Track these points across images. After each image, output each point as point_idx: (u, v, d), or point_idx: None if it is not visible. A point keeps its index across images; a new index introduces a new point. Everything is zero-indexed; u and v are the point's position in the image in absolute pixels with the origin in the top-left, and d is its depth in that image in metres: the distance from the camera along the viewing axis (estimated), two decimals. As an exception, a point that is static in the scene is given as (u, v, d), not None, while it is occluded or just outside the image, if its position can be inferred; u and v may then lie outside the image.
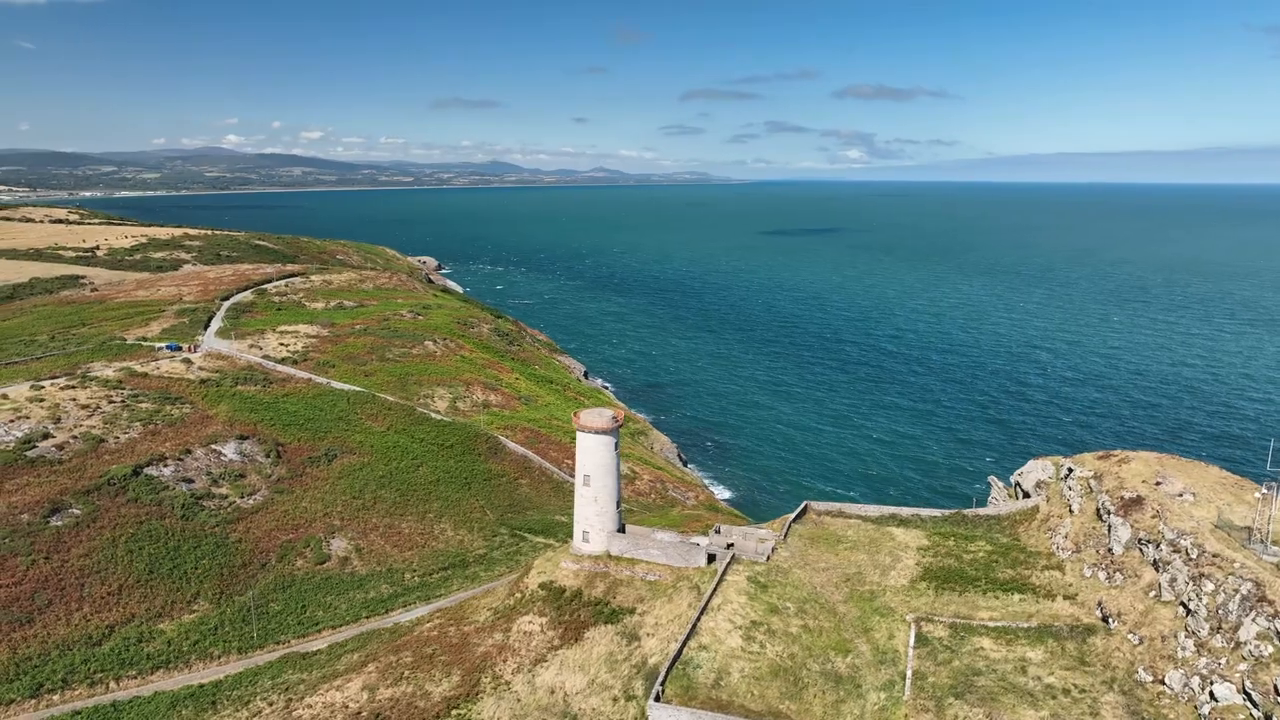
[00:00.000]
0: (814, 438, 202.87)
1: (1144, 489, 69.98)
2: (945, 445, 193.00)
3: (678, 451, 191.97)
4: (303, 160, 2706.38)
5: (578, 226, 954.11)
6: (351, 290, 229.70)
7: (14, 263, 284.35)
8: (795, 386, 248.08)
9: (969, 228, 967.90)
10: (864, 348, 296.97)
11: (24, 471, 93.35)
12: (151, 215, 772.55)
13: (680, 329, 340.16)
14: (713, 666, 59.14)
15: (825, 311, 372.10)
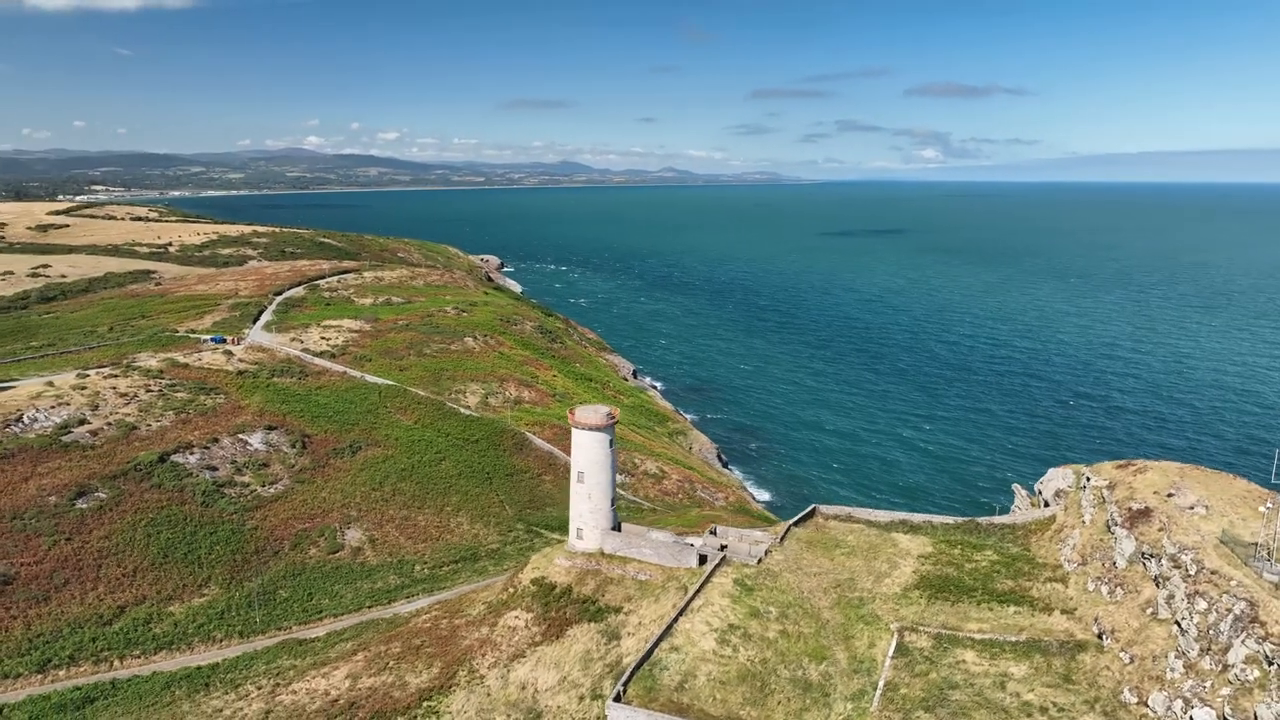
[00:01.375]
0: (860, 444, 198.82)
1: (1154, 500, 66.44)
2: (995, 455, 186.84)
3: (717, 452, 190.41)
4: (379, 161, 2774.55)
5: (641, 227, 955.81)
6: (401, 287, 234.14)
7: (94, 258, 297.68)
8: (847, 391, 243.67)
9: (1043, 229, 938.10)
10: (920, 353, 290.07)
11: (57, 456, 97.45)
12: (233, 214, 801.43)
13: (734, 330, 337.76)
14: (680, 669, 58.19)
15: (883, 315, 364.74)
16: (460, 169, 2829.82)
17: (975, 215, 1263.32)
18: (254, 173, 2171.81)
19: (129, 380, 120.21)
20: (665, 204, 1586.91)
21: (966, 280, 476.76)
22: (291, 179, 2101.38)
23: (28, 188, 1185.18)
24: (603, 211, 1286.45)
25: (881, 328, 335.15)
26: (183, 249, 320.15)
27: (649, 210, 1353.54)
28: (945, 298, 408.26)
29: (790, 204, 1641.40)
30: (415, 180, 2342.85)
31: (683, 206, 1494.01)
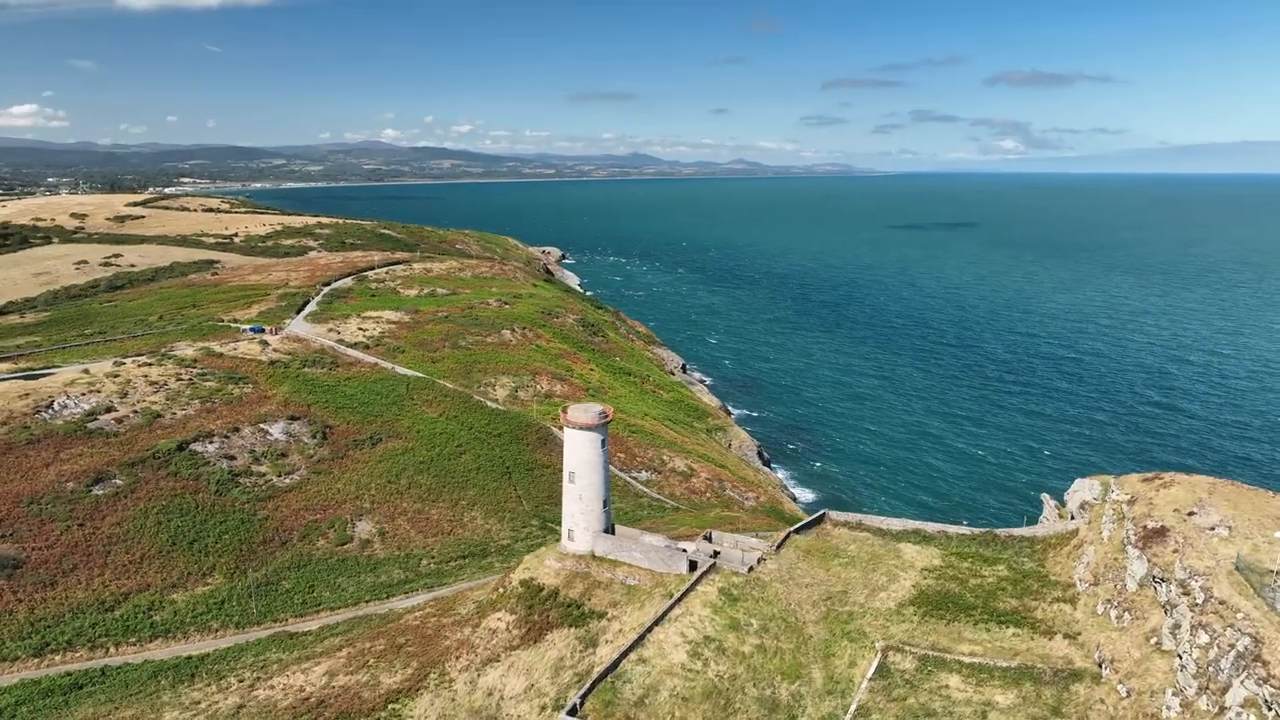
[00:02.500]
0: (907, 445, 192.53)
1: (1172, 519, 61.29)
2: (1045, 463, 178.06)
3: (758, 449, 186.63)
4: (452, 153, 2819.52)
5: (707, 219, 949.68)
6: (448, 279, 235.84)
7: (163, 248, 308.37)
8: (900, 390, 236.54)
9: (1125, 223, 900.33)
10: (981, 352, 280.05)
11: (80, 442, 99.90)
12: (307, 205, 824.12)
13: (790, 325, 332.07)
14: (644, 682, 55.84)
15: (946, 312, 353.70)
16: (531, 161, 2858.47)
17: (1054, 208, 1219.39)
18: (332, 165, 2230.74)
19: (162, 369, 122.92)
20: (732, 196, 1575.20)
21: (1038, 277, 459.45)
22: (367, 171, 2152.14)
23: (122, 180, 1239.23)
24: (668, 204, 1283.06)
25: (943, 325, 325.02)
26: (247, 239, 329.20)
27: (715, 203, 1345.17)
28: (1013, 295, 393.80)
29: (860, 196, 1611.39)
30: (487, 172, 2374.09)
31: (749, 199, 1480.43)
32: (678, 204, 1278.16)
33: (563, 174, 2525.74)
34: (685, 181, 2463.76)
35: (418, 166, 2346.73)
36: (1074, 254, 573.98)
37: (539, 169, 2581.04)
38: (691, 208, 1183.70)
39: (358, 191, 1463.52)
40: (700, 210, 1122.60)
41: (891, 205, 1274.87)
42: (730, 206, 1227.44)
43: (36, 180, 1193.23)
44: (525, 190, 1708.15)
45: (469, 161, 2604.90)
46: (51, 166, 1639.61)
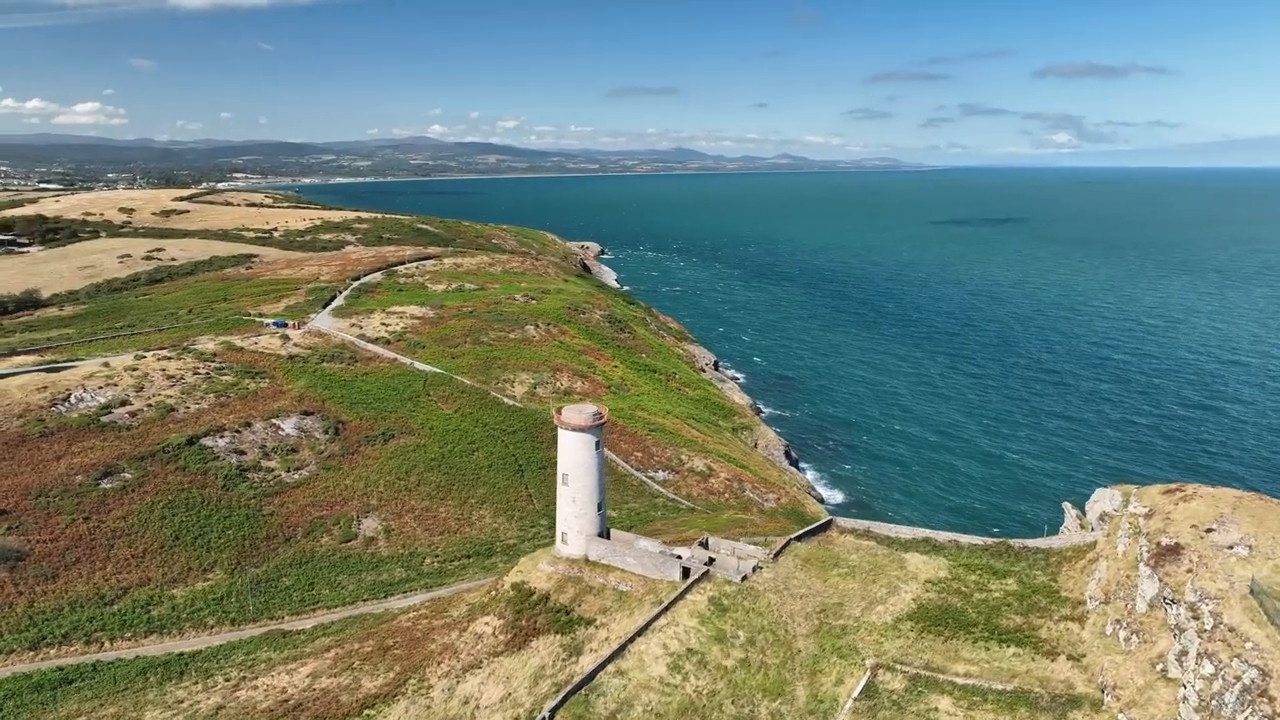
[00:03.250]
0: (941, 447, 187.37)
1: (1189, 535, 57.55)
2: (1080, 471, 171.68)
3: (785, 449, 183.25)
4: (498, 148, 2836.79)
5: (748, 214, 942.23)
6: (478, 273, 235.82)
7: (204, 242, 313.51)
8: (939, 390, 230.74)
9: (1181, 219, 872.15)
10: (1022, 352, 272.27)
11: (93, 435, 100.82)
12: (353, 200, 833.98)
13: (828, 322, 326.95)
14: (619, 696, 53.91)
15: (989, 310, 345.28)
16: (575, 156, 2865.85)
17: (1106, 203, 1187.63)
18: (380, 160, 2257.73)
19: (180, 363, 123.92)
20: (775, 192, 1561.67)
21: (1086, 274, 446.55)
22: (414, 166, 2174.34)
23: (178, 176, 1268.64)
24: (710, 199, 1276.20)
25: (982, 324, 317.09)
26: (286, 234, 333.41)
27: (757, 198, 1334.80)
28: (1058, 293, 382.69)
29: (905, 191, 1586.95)
30: (531, 167, 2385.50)
31: (792, 194, 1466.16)
32: (719, 199, 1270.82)
33: (606, 169, 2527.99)
34: (729, 176, 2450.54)
35: (464, 162, 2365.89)
36: (1125, 251, 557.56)
37: (583, 164, 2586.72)
38: (733, 203, 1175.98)
39: (404, 187, 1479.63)
40: (741, 206, 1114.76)
41: (936, 200, 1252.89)
42: (772, 202, 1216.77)
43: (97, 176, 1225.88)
44: (568, 185, 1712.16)
45: (514, 157, 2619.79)
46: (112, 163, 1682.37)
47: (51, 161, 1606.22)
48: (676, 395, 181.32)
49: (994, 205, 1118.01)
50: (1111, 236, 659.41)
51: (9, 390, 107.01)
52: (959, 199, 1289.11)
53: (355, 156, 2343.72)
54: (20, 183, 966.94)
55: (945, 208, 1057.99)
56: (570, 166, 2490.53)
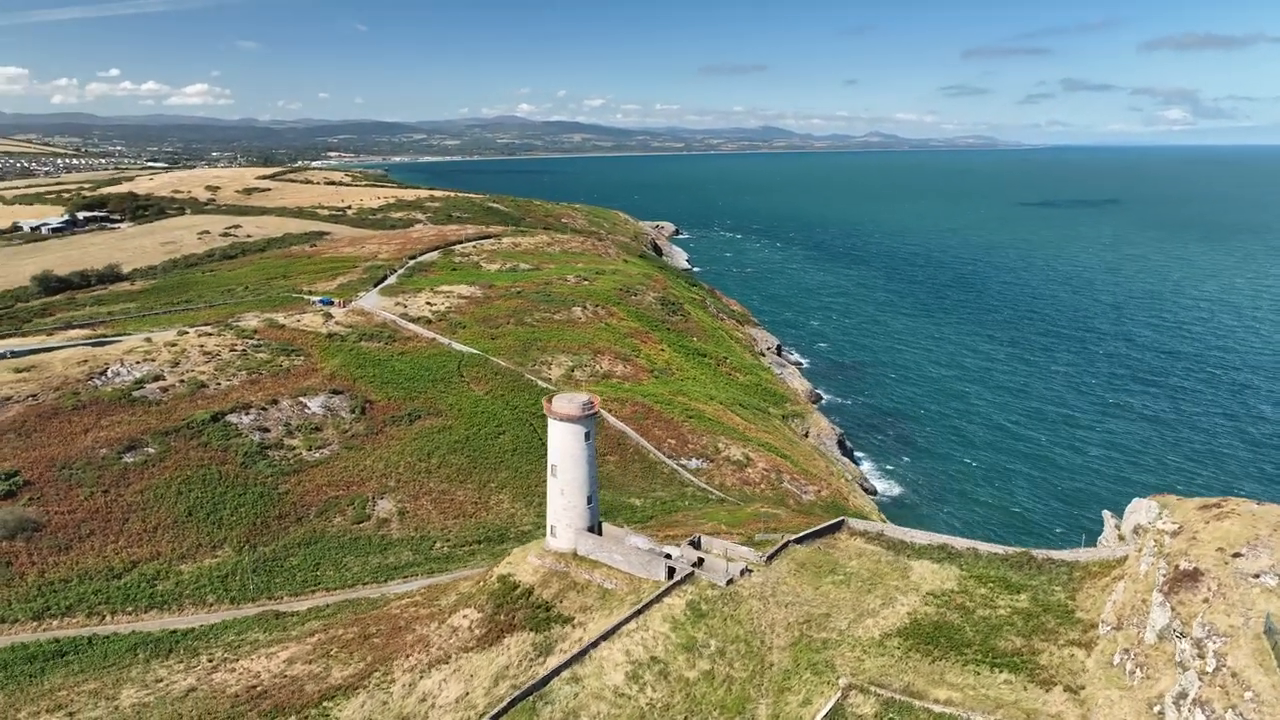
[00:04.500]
0: (1009, 443, 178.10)
1: (1212, 559, 51.36)
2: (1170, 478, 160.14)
3: (839, 438, 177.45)
4: (584, 127, 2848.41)
5: (832, 194, 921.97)
6: (535, 253, 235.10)
7: (280, 219, 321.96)
8: (1013, 382, 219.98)
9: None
10: (1109, 343, 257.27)
11: (123, 410, 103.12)
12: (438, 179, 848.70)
13: (902, 307, 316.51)
14: (567, 705, 51.23)
15: (1075, 298, 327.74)
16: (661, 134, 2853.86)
17: (1220, 183, 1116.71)
18: (468, 140, 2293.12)
19: (220, 339, 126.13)
20: (862, 171, 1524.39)
21: (1189, 262, 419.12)
22: (501, 145, 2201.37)
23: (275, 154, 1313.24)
24: (794, 179, 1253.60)
25: (1065, 314, 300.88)
26: (359, 211, 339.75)
27: (843, 178, 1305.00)
28: (1155, 282, 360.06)
29: (998, 171, 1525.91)
30: (616, 146, 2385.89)
31: (879, 174, 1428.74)
32: (803, 179, 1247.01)
33: (691, 148, 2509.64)
34: (816, 155, 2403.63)
35: (550, 141, 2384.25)
36: (1236, 235, 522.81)
37: (667, 143, 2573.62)
38: (817, 183, 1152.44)
39: (489, 165, 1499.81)
40: (825, 186, 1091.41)
41: (1031, 181, 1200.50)
42: (857, 182, 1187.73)
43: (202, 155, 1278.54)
44: (651, 164, 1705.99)
45: (599, 135, 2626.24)
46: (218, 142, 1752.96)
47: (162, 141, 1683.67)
48: (724, 380, 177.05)
49: (1093, 186, 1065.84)
50: (1222, 219, 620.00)
51: (52, 363, 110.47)
52: (1056, 179, 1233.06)
53: (445, 135, 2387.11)
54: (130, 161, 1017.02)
55: (1039, 189, 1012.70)
56: (655, 145, 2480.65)
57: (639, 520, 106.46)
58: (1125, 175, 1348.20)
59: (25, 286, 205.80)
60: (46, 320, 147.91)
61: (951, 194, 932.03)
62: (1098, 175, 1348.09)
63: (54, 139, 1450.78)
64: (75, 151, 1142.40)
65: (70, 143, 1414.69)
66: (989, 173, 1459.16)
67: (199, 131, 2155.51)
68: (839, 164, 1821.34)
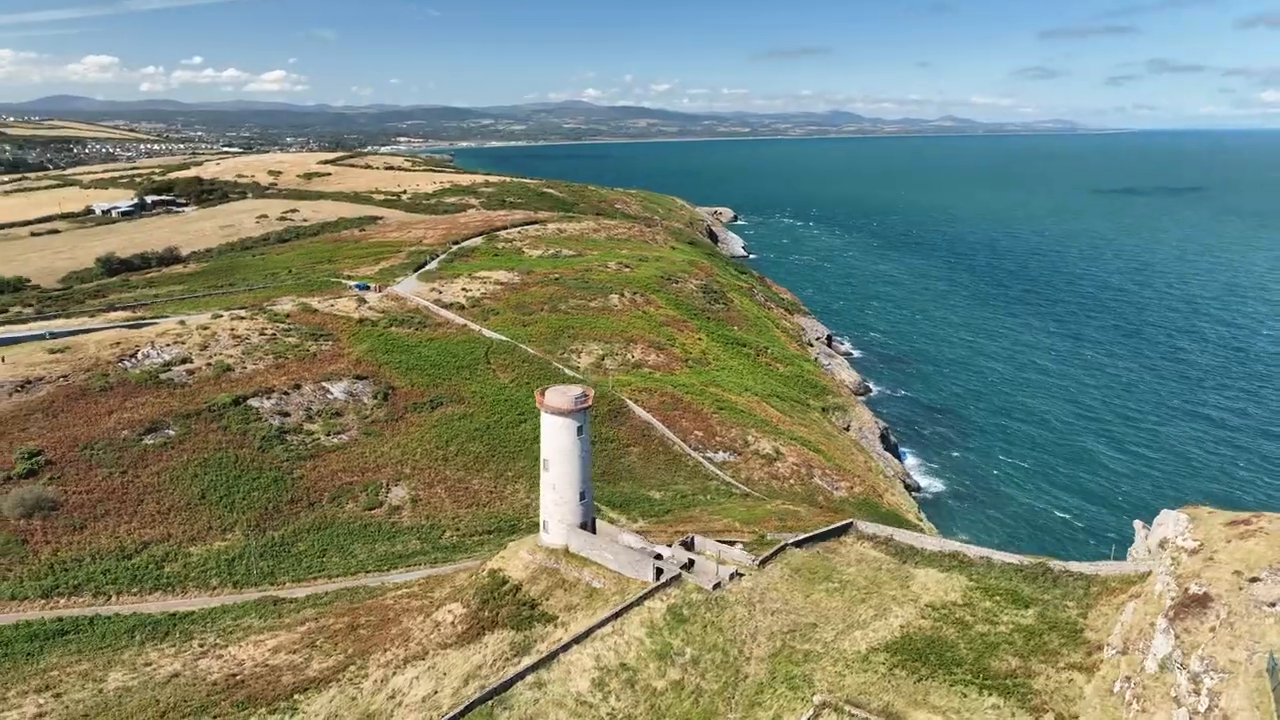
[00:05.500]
0: (1066, 443, 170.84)
1: (1225, 584, 47.01)
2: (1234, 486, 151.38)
3: (883, 432, 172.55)
4: (650, 112, 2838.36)
5: (899, 180, 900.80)
6: (579, 239, 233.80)
7: (336, 204, 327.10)
8: (1076, 378, 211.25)
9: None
10: (1179, 342, 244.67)
11: (148, 392, 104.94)
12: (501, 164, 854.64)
13: (962, 298, 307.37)
14: (526, 712, 49.56)
15: (1149, 292, 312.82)
16: (727, 119, 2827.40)
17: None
18: (534, 125, 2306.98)
19: (251, 323, 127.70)
20: (932, 156, 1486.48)
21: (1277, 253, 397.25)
22: (567, 130, 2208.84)
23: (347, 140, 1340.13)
24: (860, 164, 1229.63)
25: (1138, 308, 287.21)
26: (414, 196, 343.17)
27: (911, 162, 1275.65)
28: (1239, 276, 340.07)
29: (1076, 156, 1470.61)
30: (682, 131, 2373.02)
31: (950, 159, 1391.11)
32: (870, 164, 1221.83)
33: (758, 132, 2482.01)
34: (886, 140, 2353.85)
35: (615, 126, 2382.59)
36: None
37: (734, 127, 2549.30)
38: (883, 168, 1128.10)
39: (553, 150, 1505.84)
40: (892, 171, 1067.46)
41: (1110, 167, 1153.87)
42: (926, 167, 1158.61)
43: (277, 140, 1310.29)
44: (715, 149, 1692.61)
45: (665, 120, 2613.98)
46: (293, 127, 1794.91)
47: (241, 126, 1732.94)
48: (763, 371, 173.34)
49: (1177, 172, 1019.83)
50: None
51: (86, 345, 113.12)
52: (1137, 165, 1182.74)
53: (512, 120, 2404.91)
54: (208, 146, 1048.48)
55: (1118, 175, 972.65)
56: (721, 130, 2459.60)
57: (655, 514, 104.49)
58: (1213, 161, 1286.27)
59: (90, 268, 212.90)
60: (95, 302, 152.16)
61: (1024, 180, 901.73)
62: (1183, 161, 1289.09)
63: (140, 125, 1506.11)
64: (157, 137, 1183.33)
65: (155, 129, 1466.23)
66: (1065, 158, 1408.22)
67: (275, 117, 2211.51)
68: (908, 149, 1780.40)
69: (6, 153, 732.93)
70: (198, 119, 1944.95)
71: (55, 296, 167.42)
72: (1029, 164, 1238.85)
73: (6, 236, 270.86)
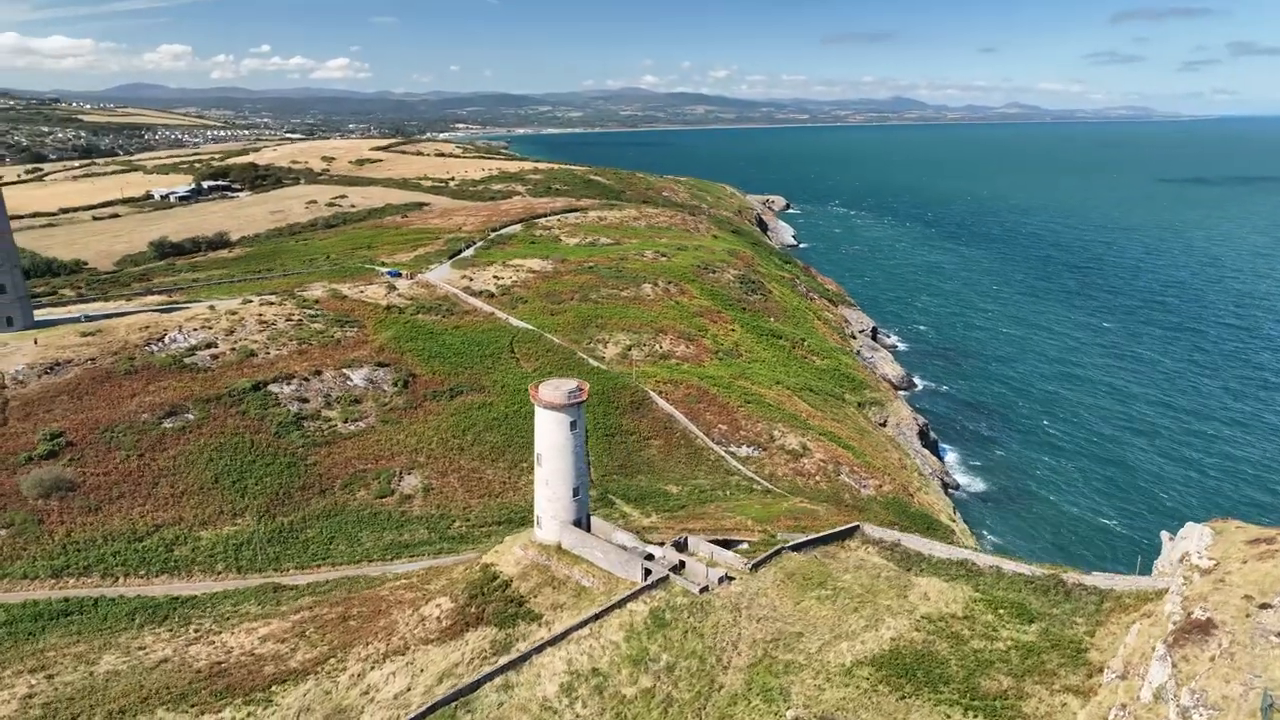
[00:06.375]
0: (1119, 443, 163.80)
1: (1232, 609, 43.48)
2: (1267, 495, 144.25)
3: (921, 428, 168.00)
4: (708, 99, 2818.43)
5: (959, 168, 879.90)
6: (619, 227, 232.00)
7: (384, 190, 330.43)
8: (1134, 376, 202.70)
9: None
10: (1250, 338, 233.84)
11: (171, 376, 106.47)
12: (556, 151, 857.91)
13: (1021, 290, 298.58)
14: (488, 715, 48.34)
15: (1212, 287, 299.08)
16: (785, 106, 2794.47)
17: None
18: (591, 111, 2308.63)
19: (279, 308, 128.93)
20: (996, 144, 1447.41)
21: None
22: (624, 117, 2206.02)
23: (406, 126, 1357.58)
24: (920, 152, 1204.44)
25: (1201, 306, 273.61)
26: (461, 183, 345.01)
27: (974, 150, 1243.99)
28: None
29: (1148, 144, 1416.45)
30: (739, 118, 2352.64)
31: (1015, 147, 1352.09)
32: (930, 152, 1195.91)
33: (817, 119, 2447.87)
34: (948, 127, 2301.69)
35: (672, 112, 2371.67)
36: None
37: (792, 114, 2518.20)
38: (944, 156, 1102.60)
39: (608, 137, 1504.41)
40: (952, 159, 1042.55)
41: (1184, 155, 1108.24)
42: (989, 155, 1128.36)
43: (339, 127, 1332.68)
44: (773, 136, 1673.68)
45: (722, 107, 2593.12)
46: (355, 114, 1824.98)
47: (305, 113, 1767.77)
48: (798, 364, 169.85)
49: (1256, 160, 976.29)
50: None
51: (117, 328, 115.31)
52: (1212, 154, 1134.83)
53: (569, 107, 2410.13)
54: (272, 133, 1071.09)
55: (1191, 164, 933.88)
56: (779, 117, 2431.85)
57: (670, 509, 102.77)
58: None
59: (144, 251, 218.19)
60: (138, 286, 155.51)
61: (1091, 169, 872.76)
62: (1264, 149, 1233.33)
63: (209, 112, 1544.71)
64: (224, 124, 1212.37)
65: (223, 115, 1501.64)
66: (1136, 146, 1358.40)
67: (338, 104, 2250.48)
68: (971, 137, 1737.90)
69: (81, 139, 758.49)
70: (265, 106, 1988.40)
71: (103, 279, 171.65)
72: (1097, 152, 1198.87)
73: (71, 220, 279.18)
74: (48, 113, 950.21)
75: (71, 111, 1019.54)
